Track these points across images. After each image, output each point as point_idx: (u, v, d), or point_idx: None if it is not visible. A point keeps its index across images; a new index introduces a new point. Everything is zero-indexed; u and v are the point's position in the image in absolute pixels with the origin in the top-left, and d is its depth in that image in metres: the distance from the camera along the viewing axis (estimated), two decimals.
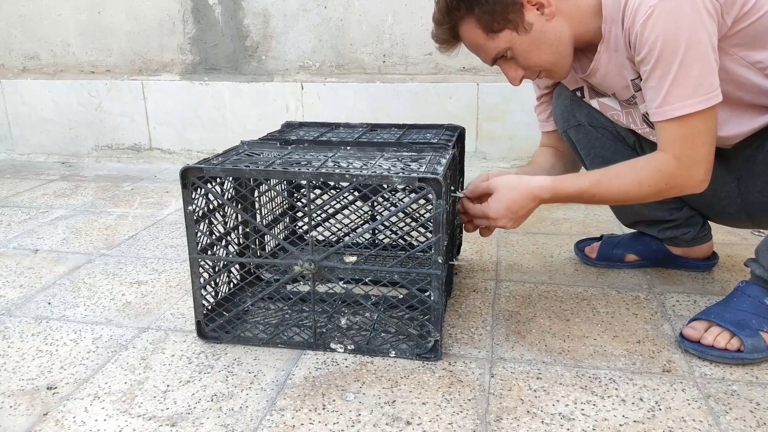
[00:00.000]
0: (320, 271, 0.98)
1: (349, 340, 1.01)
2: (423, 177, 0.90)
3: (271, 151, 1.09)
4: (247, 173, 0.95)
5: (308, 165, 0.97)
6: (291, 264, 0.99)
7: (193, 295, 1.01)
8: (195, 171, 0.96)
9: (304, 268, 0.98)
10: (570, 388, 0.90)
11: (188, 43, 2.27)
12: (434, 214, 0.91)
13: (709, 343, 0.95)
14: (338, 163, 0.99)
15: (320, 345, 1.01)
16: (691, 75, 0.88)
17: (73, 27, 2.33)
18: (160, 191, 1.99)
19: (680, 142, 0.92)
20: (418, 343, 0.99)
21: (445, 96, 2.10)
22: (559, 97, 1.19)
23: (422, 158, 1.03)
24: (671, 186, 0.95)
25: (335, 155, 1.05)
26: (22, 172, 2.28)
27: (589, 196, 0.99)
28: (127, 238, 1.56)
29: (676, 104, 0.90)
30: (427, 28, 2.08)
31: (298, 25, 2.16)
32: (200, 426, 0.83)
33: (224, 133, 2.30)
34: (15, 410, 0.87)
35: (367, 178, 0.91)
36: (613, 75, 1.01)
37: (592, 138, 1.18)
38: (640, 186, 0.96)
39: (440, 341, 0.97)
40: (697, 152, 0.92)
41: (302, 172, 0.93)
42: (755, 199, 1.06)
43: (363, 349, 0.99)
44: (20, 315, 1.15)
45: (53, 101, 2.39)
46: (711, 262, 1.29)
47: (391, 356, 0.98)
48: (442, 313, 0.96)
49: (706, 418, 0.83)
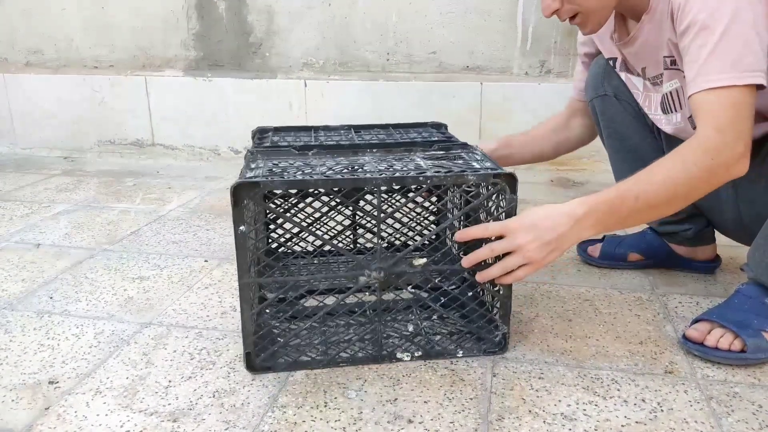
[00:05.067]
0: (388, 279, 0.92)
1: (416, 347, 0.97)
2: (498, 173, 0.89)
3: (294, 159, 1.00)
4: (312, 183, 0.87)
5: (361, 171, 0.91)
6: (356, 275, 0.92)
7: (243, 324, 0.90)
8: (249, 187, 0.85)
9: (372, 278, 0.91)
10: (572, 389, 0.89)
11: (192, 39, 2.26)
12: (507, 208, 0.90)
13: (713, 344, 0.95)
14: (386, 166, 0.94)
15: (386, 357, 0.95)
16: (731, 50, 0.85)
17: (76, 22, 2.33)
18: (163, 187, 1.99)
19: (719, 113, 0.86)
20: (485, 338, 0.97)
21: (448, 95, 2.09)
22: (596, 64, 1.21)
23: (454, 156, 1.00)
24: (717, 162, 0.86)
25: (366, 159, 0.99)
26: (24, 166, 2.28)
27: (632, 197, 0.87)
28: (129, 233, 1.56)
29: (712, 75, 0.86)
30: (431, 27, 2.08)
31: (302, 23, 2.16)
32: (202, 422, 0.83)
33: (227, 130, 2.30)
34: (17, 404, 0.87)
35: (442, 178, 0.88)
36: (651, 47, 1.01)
37: (616, 111, 1.19)
38: (686, 167, 0.86)
39: (508, 334, 0.96)
40: (736, 125, 0.86)
41: (374, 178, 0.87)
42: (747, 208, 1.07)
43: (431, 353, 0.96)
44: (22, 309, 1.16)
45: (56, 96, 2.39)
46: (714, 264, 1.28)
47: (459, 356, 0.96)
48: (510, 306, 0.94)
49: (708, 420, 0.82)
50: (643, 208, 0.88)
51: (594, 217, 0.88)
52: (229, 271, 1.32)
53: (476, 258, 0.90)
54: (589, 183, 2.01)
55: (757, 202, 1.05)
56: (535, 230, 0.86)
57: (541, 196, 1.88)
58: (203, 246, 1.47)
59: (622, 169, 1.24)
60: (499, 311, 0.96)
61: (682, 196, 0.89)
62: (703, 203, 1.18)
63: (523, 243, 0.87)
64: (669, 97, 1.05)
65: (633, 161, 1.21)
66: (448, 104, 2.10)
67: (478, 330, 0.99)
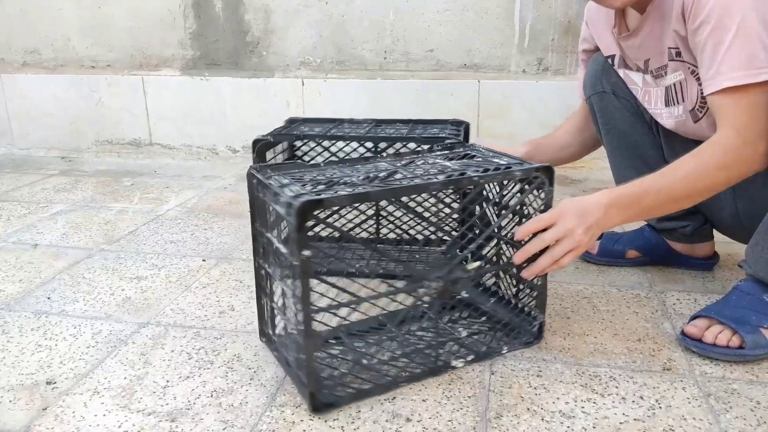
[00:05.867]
0: (446, 287, 0.90)
1: (467, 350, 0.95)
2: (538, 167, 0.92)
3: (314, 172, 0.92)
4: (374, 197, 0.83)
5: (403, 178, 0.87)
6: (415, 288, 0.89)
7: (307, 363, 0.80)
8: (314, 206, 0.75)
9: (431, 288, 0.89)
10: (570, 386, 0.89)
11: (189, 39, 2.26)
12: (546, 200, 0.93)
13: (711, 341, 0.95)
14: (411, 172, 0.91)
15: (442, 368, 0.92)
16: (747, 45, 0.87)
17: (73, 22, 2.32)
18: (160, 186, 1.99)
19: (737, 114, 0.90)
20: (524, 330, 0.99)
21: (446, 93, 2.09)
22: (594, 61, 1.21)
23: (465, 154, 1.02)
24: (736, 161, 0.91)
25: (385, 164, 0.96)
26: (21, 166, 2.27)
27: (655, 191, 0.93)
28: (126, 233, 1.56)
29: (728, 74, 0.89)
30: (428, 25, 2.07)
31: (299, 21, 2.16)
32: (200, 421, 0.83)
33: (224, 129, 2.29)
34: (14, 405, 0.87)
35: (492, 177, 0.90)
36: (656, 38, 1.02)
37: (614, 108, 1.19)
38: (705, 165, 0.92)
39: (544, 323, 0.98)
40: (756, 124, 0.90)
41: (432, 183, 0.84)
42: (745, 205, 1.07)
43: (481, 355, 0.95)
44: (19, 310, 1.15)
45: (53, 96, 2.39)
46: (712, 261, 1.28)
47: (504, 353, 0.96)
48: (546, 295, 0.98)
49: (706, 417, 0.82)
50: (665, 201, 0.95)
51: (618, 206, 0.92)
52: (227, 271, 1.32)
53: (529, 251, 0.91)
54: (587, 180, 2.01)
55: (756, 199, 1.05)
56: (579, 215, 0.90)
57: None
58: (201, 245, 1.47)
59: (620, 166, 1.24)
60: (536, 300, 0.97)
61: (702, 191, 0.95)
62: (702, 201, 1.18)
63: (572, 227, 0.90)
64: (672, 89, 1.05)
65: (631, 158, 1.21)
66: (445, 102, 2.09)
67: (519, 323, 1.00)
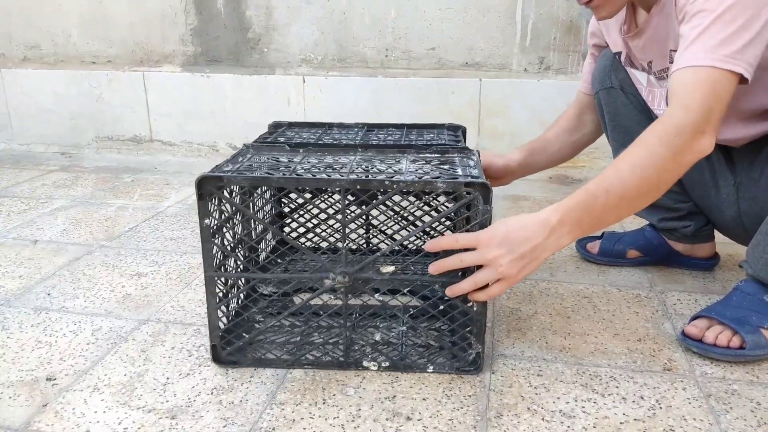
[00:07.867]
0: (354, 284, 0.89)
1: (384, 357, 0.94)
2: (469, 182, 0.83)
3: (281, 155, 1.00)
4: (274, 181, 0.85)
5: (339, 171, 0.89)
6: (321, 278, 0.90)
7: (209, 316, 0.92)
8: (213, 180, 0.86)
9: (336, 282, 0.89)
10: (570, 386, 0.89)
11: (190, 35, 2.26)
12: (481, 219, 0.84)
13: (711, 341, 0.95)
14: (366, 167, 0.92)
15: (351, 364, 0.92)
16: (721, 32, 0.82)
17: (74, 17, 2.32)
18: (161, 183, 1.99)
19: (691, 92, 0.83)
20: (458, 356, 0.93)
21: (447, 91, 2.09)
22: (603, 57, 1.21)
23: (445, 160, 0.97)
24: (683, 138, 0.82)
25: (349, 158, 0.97)
26: (21, 162, 2.27)
27: (603, 192, 0.83)
28: (127, 229, 1.56)
29: (695, 55, 0.83)
30: (430, 23, 2.07)
31: (301, 18, 2.16)
32: (200, 419, 0.83)
33: (225, 126, 2.29)
34: (14, 401, 0.87)
35: (409, 184, 0.83)
36: (659, 40, 1.01)
37: (621, 104, 1.19)
38: (651, 149, 0.83)
39: (482, 353, 0.90)
40: (705, 104, 0.82)
41: (337, 179, 0.84)
42: (748, 207, 1.07)
43: (398, 365, 0.92)
44: (19, 306, 1.15)
45: (54, 91, 2.38)
46: (713, 261, 1.28)
47: (429, 371, 0.92)
48: (484, 324, 0.89)
49: (706, 417, 0.82)
50: (616, 202, 0.84)
51: (570, 222, 0.83)
52: None
53: (443, 266, 0.84)
54: (587, 179, 2.01)
55: (759, 201, 1.04)
56: (508, 243, 0.81)
57: (538, 193, 1.88)
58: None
59: None
60: (473, 329, 0.89)
61: (653, 182, 0.84)
62: (703, 202, 1.18)
63: (495, 257, 0.82)
64: None
65: None
66: (446, 100, 2.09)
67: (451, 346, 0.94)
